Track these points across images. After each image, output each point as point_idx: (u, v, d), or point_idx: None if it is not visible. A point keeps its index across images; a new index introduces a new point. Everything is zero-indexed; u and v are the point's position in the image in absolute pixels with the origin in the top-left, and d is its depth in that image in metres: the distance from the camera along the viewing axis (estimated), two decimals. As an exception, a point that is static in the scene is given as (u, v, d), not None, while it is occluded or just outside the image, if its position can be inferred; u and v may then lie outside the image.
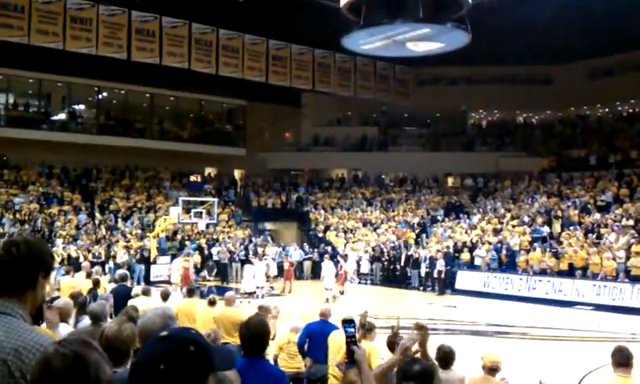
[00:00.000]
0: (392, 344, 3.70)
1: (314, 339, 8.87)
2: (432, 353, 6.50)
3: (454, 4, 23.74)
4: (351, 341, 3.65)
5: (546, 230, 28.79)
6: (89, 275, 14.05)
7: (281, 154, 40.83)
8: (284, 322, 10.20)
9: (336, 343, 8.18)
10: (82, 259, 24.76)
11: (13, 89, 34.01)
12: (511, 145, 39.20)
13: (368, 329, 8.08)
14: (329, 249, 31.57)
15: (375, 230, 33.97)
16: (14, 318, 2.41)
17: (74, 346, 1.93)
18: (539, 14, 27.01)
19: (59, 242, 27.10)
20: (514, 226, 29.97)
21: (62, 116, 35.41)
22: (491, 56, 33.70)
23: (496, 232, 29.99)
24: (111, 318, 7.30)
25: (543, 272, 25.56)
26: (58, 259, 22.70)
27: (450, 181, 39.85)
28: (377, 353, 7.53)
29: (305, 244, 33.68)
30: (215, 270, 29.85)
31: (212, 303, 10.91)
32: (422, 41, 26.84)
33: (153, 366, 1.71)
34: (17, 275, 2.44)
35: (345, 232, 34.29)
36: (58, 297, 8.40)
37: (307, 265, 31.94)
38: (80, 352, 1.90)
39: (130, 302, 9.40)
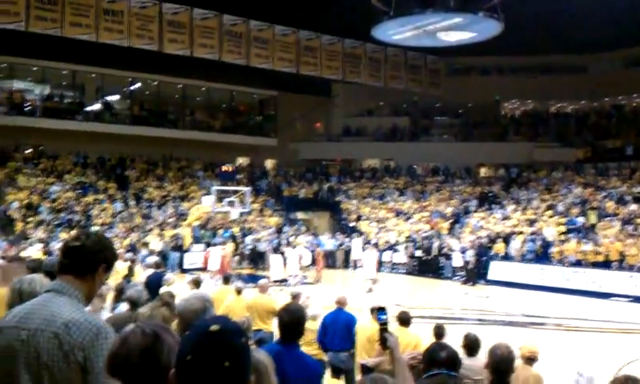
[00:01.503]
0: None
1: (329, 327, 8.86)
2: (458, 341, 6.58)
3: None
4: (384, 328, 3.65)
5: (581, 220, 28.39)
6: (125, 261, 14.26)
7: (312, 144, 40.88)
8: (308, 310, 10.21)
9: (365, 333, 8.17)
10: (118, 247, 25.11)
11: (48, 80, 34.55)
12: (545, 135, 38.66)
13: (405, 319, 8.07)
14: (362, 238, 31.64)
15: (408, 219, 33.84)
16: (69, 297, 2.64)
17: (154, 327, 2.08)
18: (574, 2, 26.55)
19: (95, 229, 27.51)
20: (549, 217, 29.60)
21: (96, 107, 35.89)
22: (524, 45, 33.25)
23: (531, 223, 29.66)
24: (146, 303, 7.38)
25: (578, 263, 25.22)
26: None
27: (483, 171, 39.48)
28: (421, 342, 7.49)
29: (337, 233, 33.70)
30: (249, 259, 30.13)
31: (239, 291, 10.95)
32: (453, 30, 26.62)
33: (216, 362, 1.69)
34: (81, 259, 2.71)
35: (377, 222, 34.23)
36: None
37: (339, 254, 31.97)
38: (159, 333, 2.04)
39: (163, 289, 9.50)
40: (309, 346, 8.97)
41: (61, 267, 2.73)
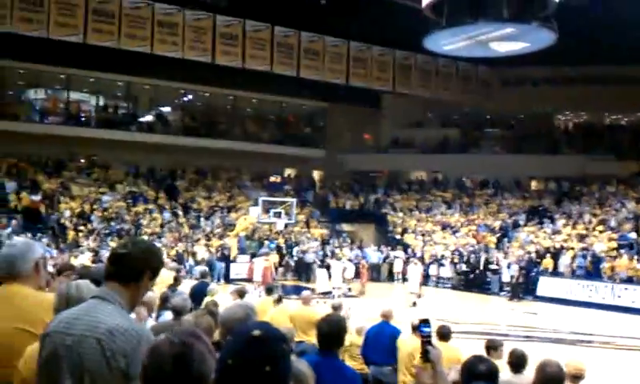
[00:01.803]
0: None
1: (371, 340, 8.82)
2: (505, 357, 6.51)
3: (540, 2, 23.15)
4: (427, 341, 3.65)
5: (633, 236, 27.66)
6: (171, 271, 14.47)
7: (360, 155, 40.81)
8: (350, 323, 10.22)
9: (406, 348, 8.13)
10: (165, 256, 25.53)
11: (102, 91, 35.47)
12: (599, 147, 37.74)
13: (445, 334, 8.02)
14: (409, 251, 31.49)
15: (455, 233, 33.50)
16: (114, 304, 2.65)
17: (183, 336, 2.06)
18: (628, 11, 25.95)
19: (143, 237, 28.01)
20: (600, 232, 28.94)
21: (148, 118, 36.64)
22: (578, 56, 32.59)
23: (581, 238, 29.02)
24: (191, 312, 7.51)
25: (630, 280, 24.56)
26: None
27: (534, 184, 38.81)
28: (462, 356, 7.43)
29: (382, 246, 33.56)
30: (294, 270, 30.30)
31: (278, 301, 11.01)
32: (505, 40, 26.30)
33: (258, 368, 1.74)
34: (126, 266, 2.72)
35: (423, 235, 33.97)
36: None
37: (384, 267, 31.82)
38: (188, 342, 2.02)
39: (207, 299, 9.65)
40: (353, 360, 8.96)
41: (107, 274, 2.76)
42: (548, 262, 27.46)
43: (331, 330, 4.38)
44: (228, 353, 1.80)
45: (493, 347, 7.47)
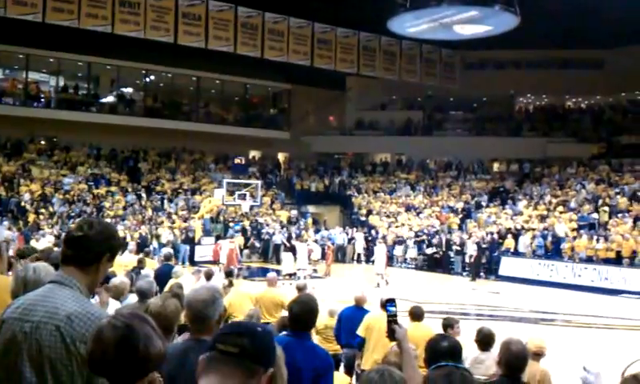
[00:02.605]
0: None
1: (345, 324, 8.88)
2: (472, 335, 6.61)
3: (502, -14, 23.36)
4: (392, 320, 3.67)
5: (593, 217, 28.24)
6: (137, 253, 14.33)
7: (325, 137, 40.87)
8: (320, 305, 10.25)
9: (377, 325, 8.19)
10: (128, 239, 25.26)
11: (63, 72, 34.75)
12: (560, 130, 38.39)
13: (417, 314, 8.12)
14: (372, 232, 31.71)
15: (418, 214, 33.79)
16: (72, 289, 2.60)
17: (126, 318, 2.05)
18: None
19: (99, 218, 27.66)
20: (560, 213, 29.47)
21: (110, 98, 36.05)
22: (540, 39, 32.95)
23: (542, 218, 29.55)
24: (156, 295, 7.44)
25: (589, 259, 25.11)
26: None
27: (496, 166, 39.31)
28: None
29: (347, 228, 33.72)
30: (261, 252, 30.33)
31: (229, 285, 10.95)
32: (469, 23, 26.49)
33: (235, 341, 1.76)
34: (84, 250, 2.65)
35: (387, 216, 34.20)
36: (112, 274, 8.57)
37: (350, 249, 31.99)
38: (131, 324, 2.02)
39: (172, 281, 9.58)
40: (328, 342, 9.01)
41: (64, 258, 2.69)
42: (509, 243, 27.89)
43: (302, 311, 4.38)
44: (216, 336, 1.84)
45: (449, 325, 7.64)
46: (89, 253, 2.66)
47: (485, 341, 6.55)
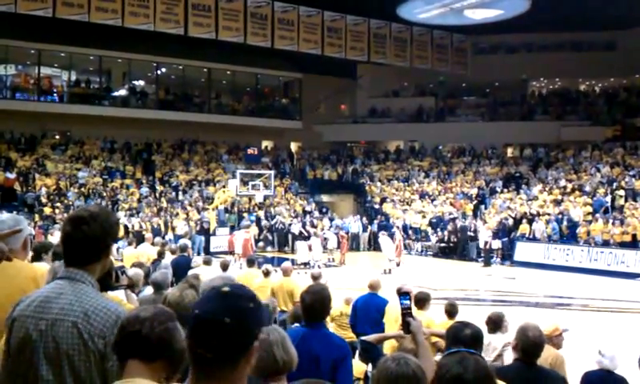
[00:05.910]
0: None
1: (359, 311, 8.86)
2: (483, 319, 6.60)
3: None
4: (407, 312, 3.68)
5: (608, 200, 28.05)
6: (155, 245, 14.35)
7: (337, 126, 40.81)
8: (336, 293, 10.26)
9: (392, 315, 8.18)
10: (144, 231, 25.40)
11: (75, 66, 34.85)
12: (573, 114, 38.10)
13: (423, 299, 8.07)
14: (390, 221, 31.64)
15: (432, 201, 33.70)
16: (84, 284, 2.57)
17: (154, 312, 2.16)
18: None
19: (121, 214, 27.80)
20: (575, 197, 29.29)
21: (122, 92, 36.17)
22: (552, 22, 32.68)
23: (557, 203, 29.37)
24: (172, 287, 7.48)
25: (605, 243, 24.95)
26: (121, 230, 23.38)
27: (510, 151, 39.11)
28: (433, 323, 7.55)
29: (361, 216, 33.66)
30: (274, 242, 30.34)
31: (266, 274, 11.06)
32: (479, 7, 26.35)
33: (218, 319, 1.80)
34: (87, 250, 2.61)
35: (401, 204, 34.13)
36: (122, 266, 8.63)
37: (364, 237, 31.96)
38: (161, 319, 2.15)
39: (190, 272, 9.61)
40: (342, 329, 8.99)
41: (67, 260, 2.64)
42: (524, 228, 27.76)
43: (314, 301, 4.39)
44: (197, 304, 1.90)
45: (455, 311, 7.74)
46: (92, 252, 2.62)
47: (494, 323, 6.67)
